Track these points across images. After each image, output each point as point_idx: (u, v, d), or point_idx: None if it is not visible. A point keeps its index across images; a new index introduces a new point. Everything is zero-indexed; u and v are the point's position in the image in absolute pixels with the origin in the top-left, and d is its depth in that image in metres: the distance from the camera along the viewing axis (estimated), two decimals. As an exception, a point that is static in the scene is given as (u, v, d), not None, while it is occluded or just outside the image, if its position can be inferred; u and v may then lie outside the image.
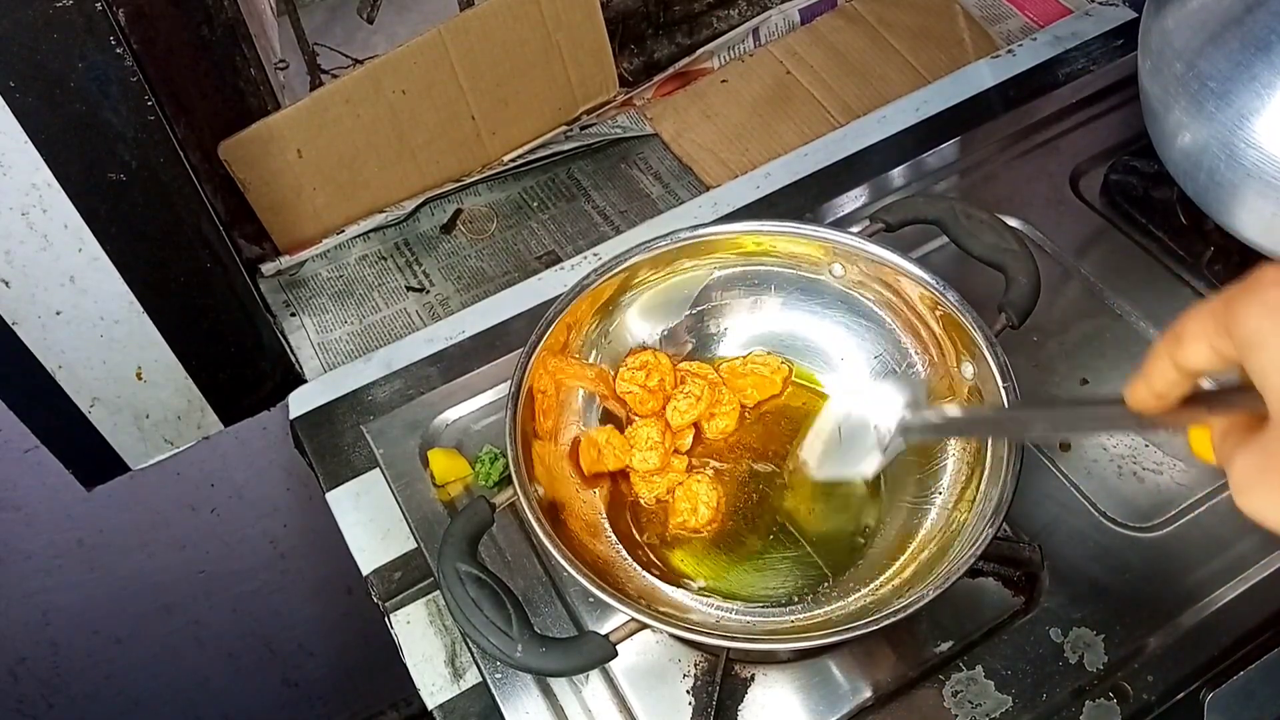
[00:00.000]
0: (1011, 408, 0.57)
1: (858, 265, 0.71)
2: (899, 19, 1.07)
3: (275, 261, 0.92)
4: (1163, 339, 0.37)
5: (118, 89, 0.63)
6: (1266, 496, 0.32)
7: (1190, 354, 0.36)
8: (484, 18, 0.89)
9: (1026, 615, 0.67)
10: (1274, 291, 0.32)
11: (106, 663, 1.20)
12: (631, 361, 0.73)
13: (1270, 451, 0.32)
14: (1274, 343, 0.32)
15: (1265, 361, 0.32)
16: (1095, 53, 1.01)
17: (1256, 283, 0.33)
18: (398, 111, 0.90)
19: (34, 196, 0.65)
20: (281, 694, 1.40)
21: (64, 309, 0.72)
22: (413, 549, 0.75)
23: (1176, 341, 0.36)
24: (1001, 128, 0.95)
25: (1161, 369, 0.37)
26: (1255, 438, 0.33)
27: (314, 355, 0.88)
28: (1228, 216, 0.75)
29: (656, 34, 1.06)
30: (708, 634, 0.58)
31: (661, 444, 0.71)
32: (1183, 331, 0.36)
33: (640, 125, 1.01)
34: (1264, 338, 0.32)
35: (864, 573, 0.66)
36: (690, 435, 0.73)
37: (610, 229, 0.94)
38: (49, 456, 0.82)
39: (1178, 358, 0.36)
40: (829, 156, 0.95)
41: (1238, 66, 0.70)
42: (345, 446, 0.80)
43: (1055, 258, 0.85)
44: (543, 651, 0.54)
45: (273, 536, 1.15)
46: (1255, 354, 0.32)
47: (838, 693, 0.66)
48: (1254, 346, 0.32)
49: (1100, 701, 0.64)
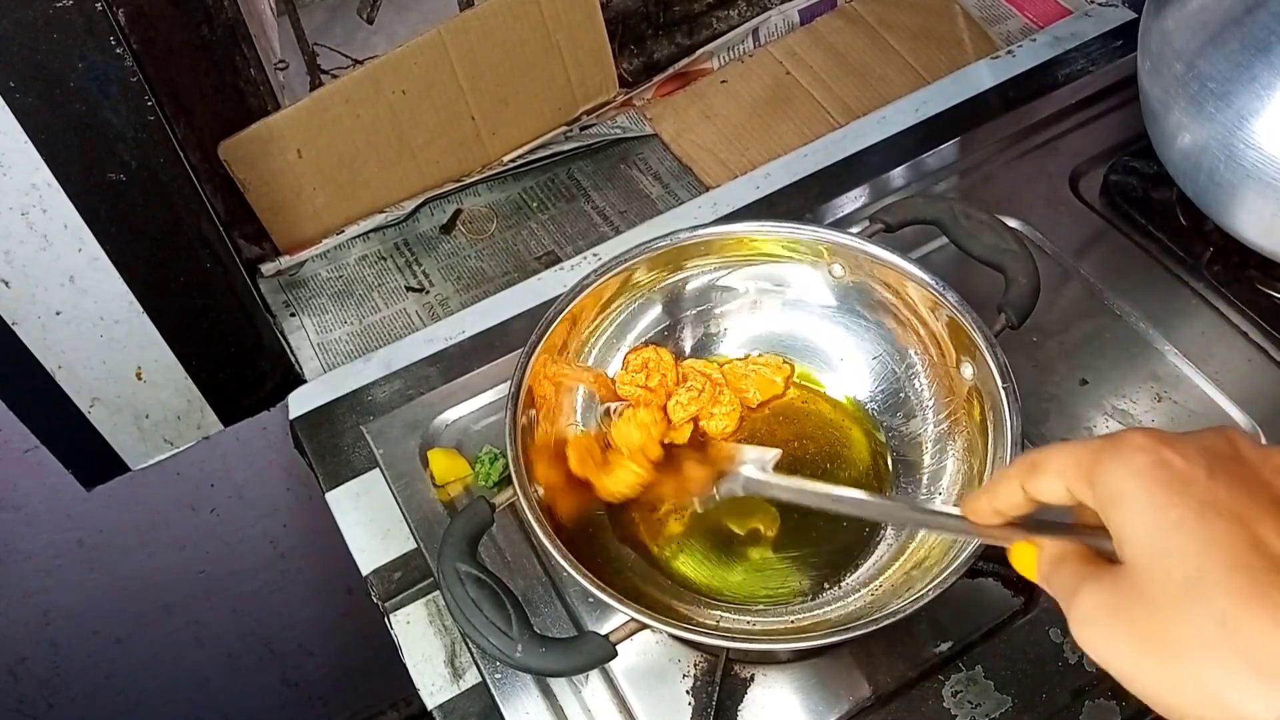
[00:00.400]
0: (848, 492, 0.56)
1: (858, 265, 0.71)
2: (899, 19, 1.07)
3: (275, 262, 0.93)
4: (1017, 465, 0.40)
5: (118, 89, 0.63)
6: (1110, 635, 0.35)
7: (1043, 488, 0.38)
8: (484, 18, 0.89)
9: (1026, 615, 0.67)
10: (1140, 456, 0.35)
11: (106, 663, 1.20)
12: (633, 361, 0.73)
13: (1119, 594, 0.34)
14: (1135, 503, 0.34)
15: (1126, 518, 0.35)
16: (1095, 53, 1.01)
17: (1125, 444, 0.36)
18: (398, 111, 0.90)
19: (34, 196, 0.65)
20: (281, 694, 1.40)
21: (64, 309, 0.72)
22: (413, 549, 0.75)
23: (1032, 471, 0.39)
24: (1001, 128, 0.95)
25: (1009, 490, 0.40)
26: (1106, 576, 0.35)
27: (314, 355, 0.88)
28: (1227, 217, 0.75)
29: (656, 34, 1.07)
30: (708, 634, 0.58)
31: (649, 427, 0.69)
32: (1041, 464, 0.38)
33: (640, 125, 1.01)
34: (1126, 498, 0.35)
35: (864, 573, 0.66)
36: (689, 430, 0.72)
37: (610, 229, 0.94)
38: (49, 456, 0.82)
39: (1030, 487, 0.39)
40: (829, 157, 0.95)
41: (1238, 67, 0.70)
42: (345, 446, 0.80)
43: (1055, 258, 0.85)
44: (543, 651, 0.54)
45: (273, 536, 1.15)
46: (1116, 511, 0.35)
47: (838, 693, 0.66)
48: (1115, 504, 0.35)
49: (1100, 701, 0.64)
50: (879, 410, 0.73)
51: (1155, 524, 0.34)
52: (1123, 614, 0.34)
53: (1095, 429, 0.75)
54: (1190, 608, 0.32)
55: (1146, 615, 0.33)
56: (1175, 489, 0.34)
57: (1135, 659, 0.34)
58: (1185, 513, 0.33)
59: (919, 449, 0.70)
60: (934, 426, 0.70)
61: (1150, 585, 0.33)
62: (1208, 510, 0.33)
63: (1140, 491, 0.34)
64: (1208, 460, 0.35)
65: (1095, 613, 0.35)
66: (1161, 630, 0.33)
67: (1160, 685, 0.33)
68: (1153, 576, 0.33)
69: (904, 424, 0.71)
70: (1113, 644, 0.34)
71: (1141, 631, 0.33)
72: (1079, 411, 0.76)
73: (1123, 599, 0.34)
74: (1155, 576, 0.33)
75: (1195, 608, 0.32)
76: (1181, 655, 0.32)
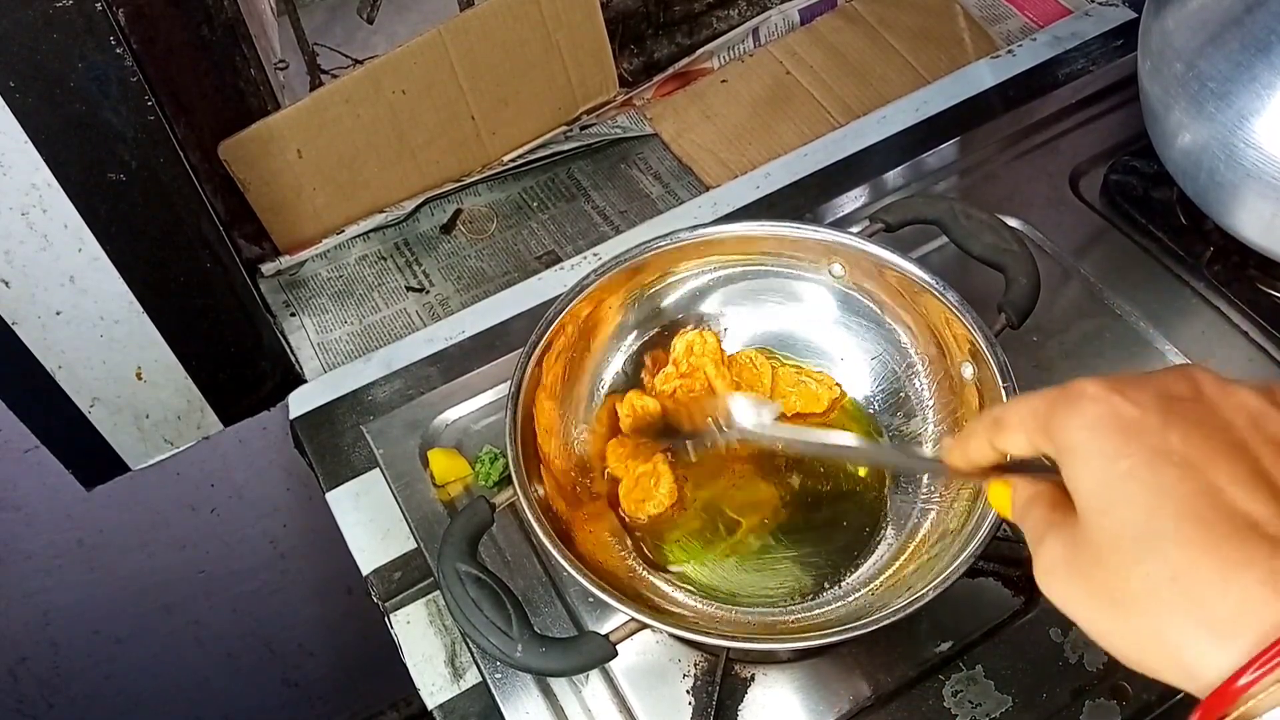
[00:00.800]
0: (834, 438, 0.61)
1: (858, 265, 0.71)
2: (899, 19, 1.07)
3: (275, 261, 0.93)
4: (982, 420, 0.40)
5: (118, 89, 0.63)
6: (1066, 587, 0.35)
7: (1008, 441, 0.39)
8: (484, 18, 0.89)
9: (1026, 615, 0.67)
10: (1092, 407, 0.34)
11: (106, 663, 1.20)
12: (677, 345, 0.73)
13: (1077, 546, 0.34)
14: (1086, 455, 0.34)
15: (1078, 470, 0.34)
16: (1095, 53, 1.01)
17: (1078, 394, 0.35)
18: (398, 111, 0.90)
19: (34, 196, 0.65)
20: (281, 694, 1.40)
21: (64, 309, 0.72)
22: (413, 549, 0.75)
23: (996, 427, 0.39)
24: (1001, 128, 0.95)
25: (979, 445, 0.40)
26: (1067, 526, 0.35)
27: (314, 355, 0.88)
28: (1228, 217, 0.75)
29: (656, 34, 1.06)
30: (708, 634, 0.58)
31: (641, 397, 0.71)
32: (1004, 420, 0.39)
33: (640, 125, 1.01)
34: (1077, 450, 0.34)
35: (864, 573, 0.66)
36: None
37: (610, 229, 0.94)
38: (49, 456, 0.82)
39: (995, 441, 0.39)
40: (829, 157, 0.95)
41: (1238, 67, 0.70)
42: (345, 446, 0.80)
43: (1055, 258, 0.85)
44: (543, 651, 0.54)
45: (273, 536, 1.15)
46: (1070, 462, 0.35)
47: (838, 693, 0.66)
48: (1070, 455, 0.35)
49: (1100, 701, 0.64)
50: (879, 410, 0.73)
51: (1105, 475, 0.33)
52: (1078, 567, 0.34)
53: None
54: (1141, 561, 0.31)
55: (1100, 569, 0.33)
56: (1127, 438, 0.33)
57: (1092, 612, 0.33)
58: (1135, 462, 0.32)
59: (919, 449, 0.70)
60: (934, 426, 0.70)
61: (1102, 538, 0.33)
62: (1159, 459, 0.32)
63: (1091, 442, 0.34)
64: (1162, 405, 0.34)
65: (1054, 564, 0.35)
66: (1115, 584, 0.32)
67: (1118, 638, 0.33)
68: (1104, 529, 0.33)
69: (904, 424, 0.71)
70: (1071, 596, 0.34)
71: (1097, 585, 0.33)
72: (1079, 411, 0.76)
73: (1078, 551, 0.34)
74: (1107, 529, 0.33)
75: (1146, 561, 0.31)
76: (1136, 610, 0.32)
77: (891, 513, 0.68)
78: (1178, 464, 0.32)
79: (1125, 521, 0.32)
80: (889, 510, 0.69)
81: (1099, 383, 0.35)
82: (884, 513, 0.69)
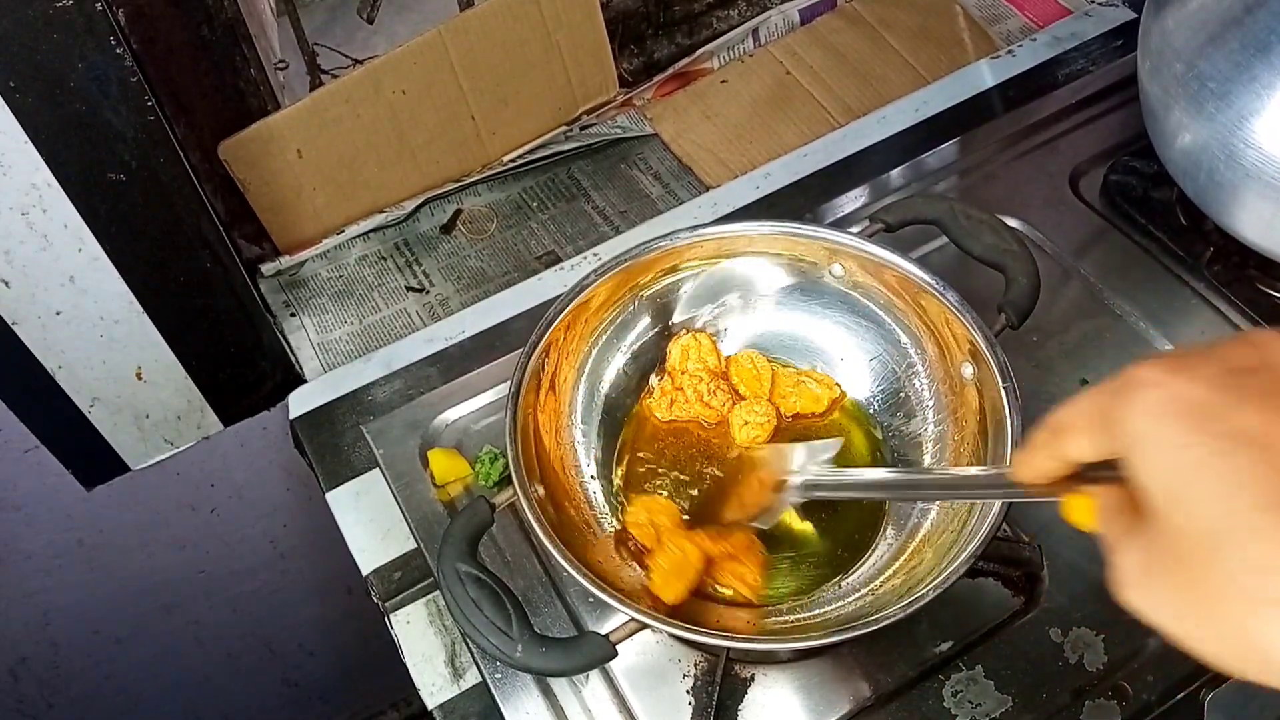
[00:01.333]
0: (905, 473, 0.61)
1: (858, 265, 0.71)
2: (899, 19, 1.07)
3: (275, 261, 0.93)
4: (1042, 434, 0.37)
5: (118, 89, 0.63)
6: (1145, 593, 0.33)
7: (1072, 447, 0.36)
8: (484, 18, 0.89)
9: (1026, 615, 0.67)
10: (1154, 393, 0.32)
11: (106, 663, 1.20)
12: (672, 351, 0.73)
13: (1153, 551, 0.32)
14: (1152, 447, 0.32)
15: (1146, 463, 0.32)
16: (1095, 53, 1.01)
17: (1137, 383, 0.33)
18: (398, 111, 0.90)
19: (34, 196, 0.65)
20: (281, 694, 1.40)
21: (64, 309, 0.72)
22: (413, 549, 0.75)
23: (1056, 435, 0.37)
24: (1001, 128, 0.95)
25: (1044, 457, 0.38)
26: (1138, 534, 0.33)
27: (314, 355, 0.88)
28: (1227, 217, 0.75)
29: (656, 34, 1.07)
30: (708, 634, 0.58)
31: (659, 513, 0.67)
32: (1063, 424, 0.36)
33: (640, 125, 1.01)
34: (1142, 443, 0.32)
35: (864, 573, 0.66)
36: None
37: (610, 229, 0.94)
38: (49, 456, 0.82)
39: (1058, 451, 0.37)
40: (829, 157, 0.95)
41: (1238, 67, 0.70)
42: (345, 446, 0.80)
43: (1055, 258, 0.85)
44: (543, 651, 0.54)
45: (273, 536, 1.15)
46: (1137, 456, 0.32)
47: (838, 693, 0.66)
48: (1136, 449, 0.32)
49: (1100, 701, 0.64)
50: (879, 410, 0.73)
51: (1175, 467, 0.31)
52: (1156, 570, 0.32)
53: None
54: (1222, 557, 0.29)
55: (1180, 569, 0.31)
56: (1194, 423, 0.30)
57: (1176, 617, 0.31)
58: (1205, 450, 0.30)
59: (919, 449, 0.70)
60: (934, 426, 0.70)
61: (1179, 536, 0.31)
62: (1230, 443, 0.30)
63: (1155, 433, 0.31)
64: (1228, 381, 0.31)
65: (1130, 574, 0.33)
66: (1196, 584, 0.30)
67: (1204, 641, 0.31)
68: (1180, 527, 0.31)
69: (904, 424, 0.71)
70: (1151, 604, 0.32)
71: (1177, 587, 0.31)
72: (1079, 411, 0.76)
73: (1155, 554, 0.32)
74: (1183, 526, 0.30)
75: (1227, 557, 0.29)
76: (1220, 609, 0.30)
77: (892, 513, 0.68)
78: (1253, 447, 0.29)
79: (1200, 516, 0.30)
80: (889, 510, 0.69)
81: (1157, 365, 0.32)
82: (884, 513, 0.69)
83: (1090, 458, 0.36)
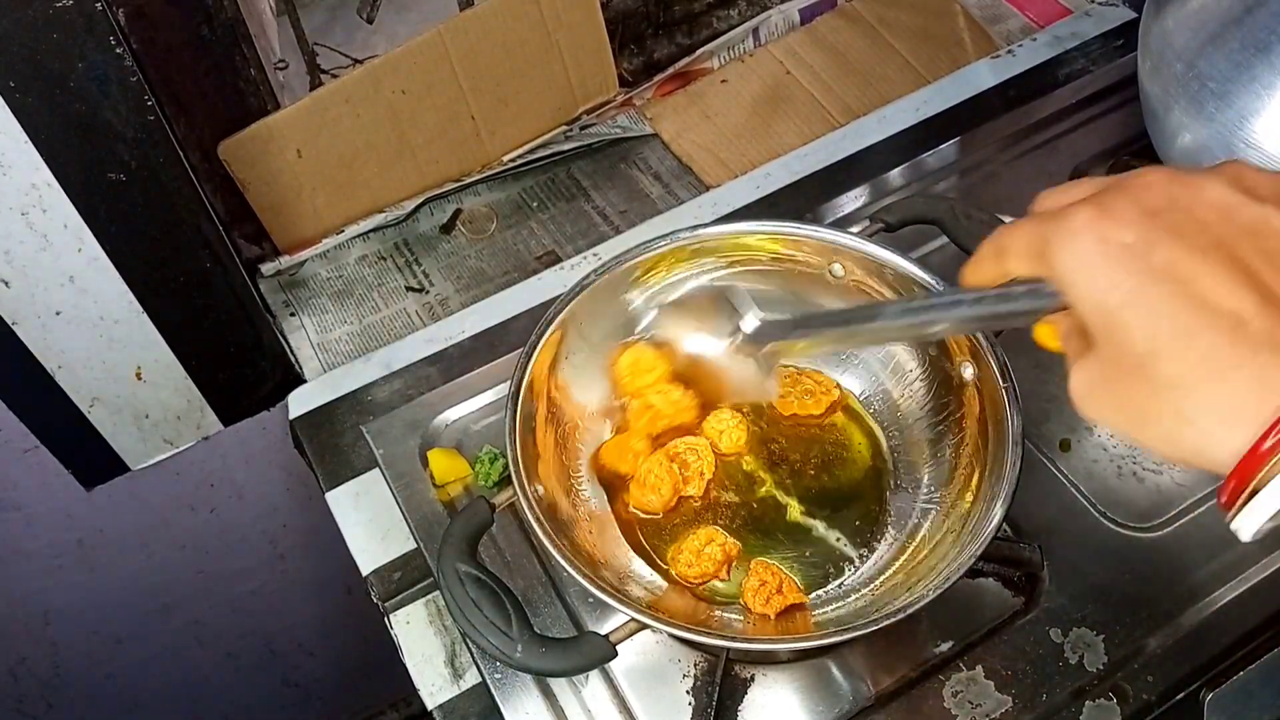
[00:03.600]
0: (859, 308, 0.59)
1: (858, 265, 0.71)
2: (899, 19, 1.07)
3: (275, 261, 0.93)
4: (988, 248, 0.42)
5: (118, 89, 0.63)
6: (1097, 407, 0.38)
7: (1011, 266, 0.41)
8: (484, 18, 0.89)
9: (1026, 615, 0.67)
10: (1082, 241, 0.36)
11: (106, 663, 1.20)
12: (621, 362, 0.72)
13: (1098, 369, 0.37)
14: (1083, 289, 0.36)
15: (1079, 302, 0.37)
16: (1095, 53, 1.01)
17: (1068, 226, 0.37)
18: (398, 111, 0.90)
19: (34, 196, 0.65)
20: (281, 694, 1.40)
21: (64, 309, 0.72)
22: (412, 549, 0.75)
23: (1000, 254, 0.41)
24: (1001, 128, 0.95)
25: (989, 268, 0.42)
26: (1089, 356, 0.38)
27: (314, 355, 0.88)
28: (1228, 217, 0.75)
29: (656, 34, 1.07)
30: (708, 634, 0.58)
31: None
32: (1006, 248, 0.40)
33: (640, 125, 1.01)
34: (1076, 284, 0.37)
35: (864, 573, 0.66)
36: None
37: (610, 229, 0.94)
38: (49, 456, 0.82)
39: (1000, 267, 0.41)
40: (829, 156, 0.95)
41: (1238, 67, 0.70)
42: (345, 446, 0.80)
43: (1055, 258, 0.85)
44: (543, 651, 0.54)
45: (273, 536, 1.15)
46: (1071, 294, 0.37)
47: (838, 693, 0.66)
48: (1069, 288, 0.37)
49: (1100, 701, 0.64)
50: (879, 410, 0.73)
51: (1105, 306, 0.35)
52: (1101, 385, 0.37)
53: (1096, 428, 0.75)
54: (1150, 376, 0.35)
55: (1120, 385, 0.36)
56: (1116, 268, 0.35)
57: (1122, 424, 0.37)
58: (1127, 291, 0.35)
59: (919, 449, 0.70)
60: (934, 426, 0.70)
61: (1115, 362, 0.36)
62: (1147, 282, 0.34)
63: (1084, 277, 0.36)
64: (1145, 223, 0.35)
65: (1081, 389, 0.38)
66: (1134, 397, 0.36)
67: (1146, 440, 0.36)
68: (1114, 355, 0.36)
69: (904, 424, 0.71)
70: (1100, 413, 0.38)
71: (1120, 399, 0.36)
72: (1079, 411, 0.76)
73: (1100, 372, 0.37)
74: (1116, 355, 0.36)
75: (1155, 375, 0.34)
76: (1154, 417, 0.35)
77: (892, 513, 0.68)
78: (1165, 282, 0.34)
79: (1131, 342, 0.35)
80: (889, 510, 0.69)
81: (1085, 210, 0.37)
82: (884, 513, 0.69)
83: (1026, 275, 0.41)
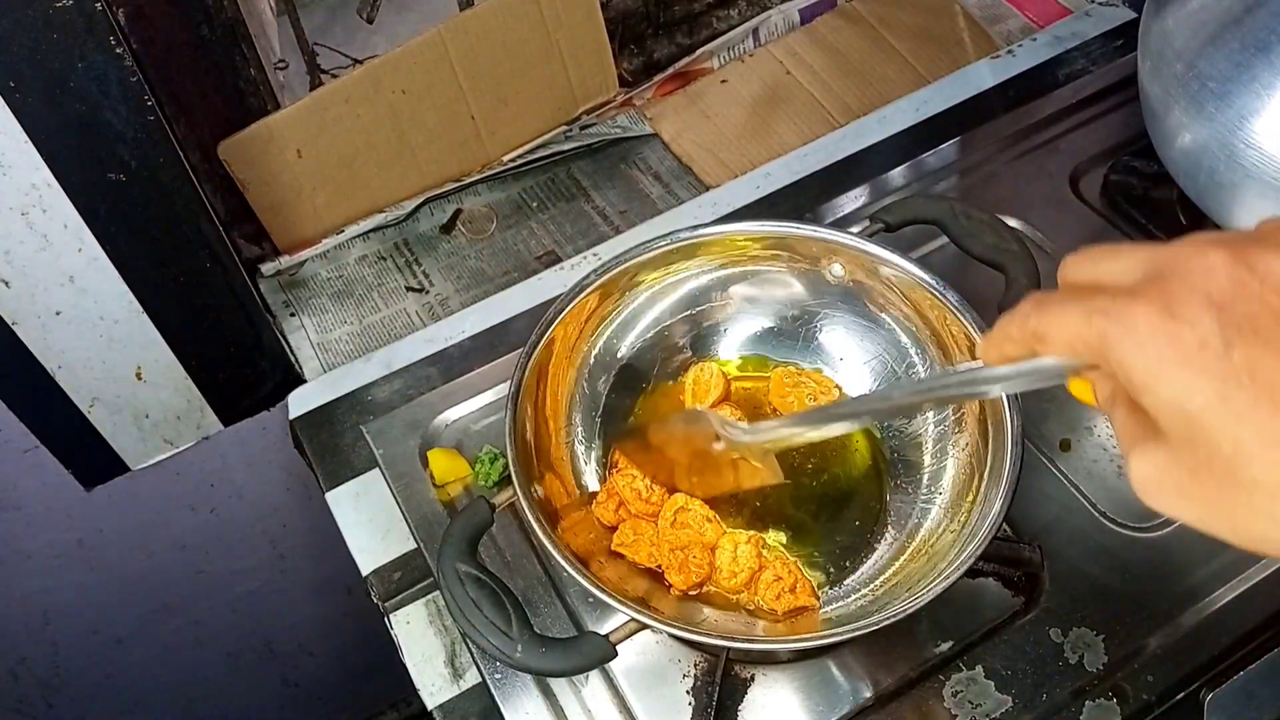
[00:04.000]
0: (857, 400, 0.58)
1: (858, 265, 0.71)
2: (899, 19, 1.07)
3: (275, 261, 0.93)
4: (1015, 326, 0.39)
5: (118, 89, 0.63)
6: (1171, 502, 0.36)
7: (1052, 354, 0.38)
8: (484, 18, 0.89)
9: (1026, 615, 0.67)
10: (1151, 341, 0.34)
11: (106, 663, 1.19)
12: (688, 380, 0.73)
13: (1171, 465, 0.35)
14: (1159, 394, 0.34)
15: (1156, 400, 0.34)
16: (1095, 53, 1.01)
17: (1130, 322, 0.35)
18: (398, 111, 0.90)
19: (34, 196, 0.65)
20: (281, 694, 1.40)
21: (64, 309, 0.72)
22: (412, 549, 0.75)
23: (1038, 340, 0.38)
24: (1001, 128, 0.95)
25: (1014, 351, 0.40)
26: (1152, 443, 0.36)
27: (314, 355, 0.88)
28: (1228, 217, 0.75)
29: (656, 34, 1.06)
30: (708, 634, 0.58)
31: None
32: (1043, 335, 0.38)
33: (640, 125, 1.01)
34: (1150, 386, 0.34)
35: (864, 573, 0.66)
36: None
37: (610, 229, 0.94)
38: (49, 456, 0.82)
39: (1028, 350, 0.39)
40: (829, 156, 0.95)
41: (1238, 67, 0.70)
42: (345, 446, 0.80)
43: (1055, 258, 0.85)
44: (542, 651, 0.54)
45: (273, 536, 1.15)
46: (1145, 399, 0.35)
47: (838, 693, 0.66)
48: (1141, 391, 0.35)
49: (1100, 701, 0.64)
50: (879, 410, 0.73)
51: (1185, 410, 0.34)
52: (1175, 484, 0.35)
53: (1096, 428, 0.75)
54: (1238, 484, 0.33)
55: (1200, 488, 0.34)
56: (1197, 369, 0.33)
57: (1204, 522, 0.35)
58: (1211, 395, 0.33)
59: (919, 449, 0.70)
60: (934, 426, 0.70)
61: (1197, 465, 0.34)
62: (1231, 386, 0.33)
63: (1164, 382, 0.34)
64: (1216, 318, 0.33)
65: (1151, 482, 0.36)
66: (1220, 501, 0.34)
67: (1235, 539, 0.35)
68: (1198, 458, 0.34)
69: (904, 424, 0.71)
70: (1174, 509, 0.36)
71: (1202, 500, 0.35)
72: (1079, 411, 0.76)
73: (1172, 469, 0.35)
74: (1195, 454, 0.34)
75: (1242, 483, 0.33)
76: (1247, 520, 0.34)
77: (892, 513, 0.68)
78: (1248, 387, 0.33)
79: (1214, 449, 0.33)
80: (889, 510, 0.69)
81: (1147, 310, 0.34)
82: (884, 513, 0.69)
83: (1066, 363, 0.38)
